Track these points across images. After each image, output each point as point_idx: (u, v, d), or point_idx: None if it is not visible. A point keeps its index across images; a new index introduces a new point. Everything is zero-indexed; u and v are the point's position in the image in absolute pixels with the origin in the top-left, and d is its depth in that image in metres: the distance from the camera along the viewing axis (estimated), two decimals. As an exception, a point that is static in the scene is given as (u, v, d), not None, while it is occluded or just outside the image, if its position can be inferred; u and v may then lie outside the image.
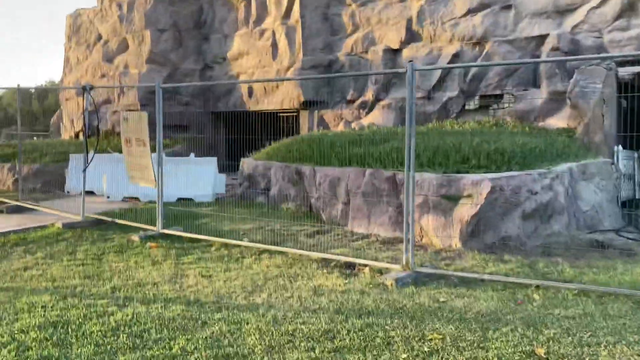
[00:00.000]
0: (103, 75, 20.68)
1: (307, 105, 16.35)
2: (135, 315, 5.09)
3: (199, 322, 4.94)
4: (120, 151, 15.73)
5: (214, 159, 12.88)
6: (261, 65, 17.67)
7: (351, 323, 4.78)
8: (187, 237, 8.41)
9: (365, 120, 15.41)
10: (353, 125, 15.55)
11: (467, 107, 14.15)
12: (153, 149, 8.83)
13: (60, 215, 10.32)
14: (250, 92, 17.92)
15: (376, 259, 6.96)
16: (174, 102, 18.98)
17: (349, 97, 15.84)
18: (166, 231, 8.67)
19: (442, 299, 5.42)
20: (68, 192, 13.84)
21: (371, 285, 5.93)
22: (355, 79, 15.70)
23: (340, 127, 15.78)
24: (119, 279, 6.38)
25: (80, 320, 5.00)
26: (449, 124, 13.62)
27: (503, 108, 13.60)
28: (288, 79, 14.92)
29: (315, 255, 7.18)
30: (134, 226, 9.18)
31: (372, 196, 8.96)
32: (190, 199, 12.34)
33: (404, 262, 6.30)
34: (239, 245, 7.90)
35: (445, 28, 14.31)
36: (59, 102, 24.05)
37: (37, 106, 40.80)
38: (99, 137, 10.84)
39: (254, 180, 12.32)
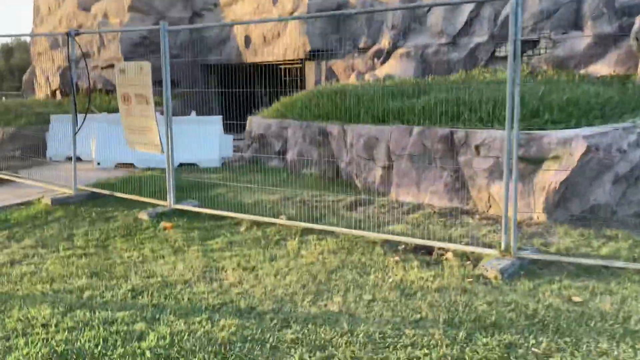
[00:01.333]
0: (79, 26, 18.58)
1: (314, 55, 14.70)
2: (175, 338, 3.70)
3: (268, 346, 3.57)
4: (109, 110, 14.06)
5: (219, 118, 11.30)
6: (259, 12, 15.85)
7: (482, 344, 3.46)
8: (206, 214, 6.96)
9: (380, 71, 13.86)
10: (366, 77, 14.00)
11: (497, 54, 12.67)
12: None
13: (45, 188, 8.74)
14: (248, 42, 16.14)
15: (450, 239, 5.62)
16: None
17: (361, 45, 14.22)
18: (180, 206, 7.20)
19: (576, 299, 4.12)
20: (50, 158, 12.18)
21: (470, 279, 4.60)
22: (369, 24, 14.04)
23: (352, 79, 14.22)
24: (136, 276, 4.94)
25: (99, 349, 3.59)
26: (478, 73, 12.18)
27: (539, 54, 12.16)
28: (313, 16, 13.17)
29: (374, 236, 5.81)
30: (139, 200, 7.68)
31: (422, 159, 7.57)
32: (193, 164, 10.81)
33: (503, 246, 4.97)
34: (273, 224, 6.49)
35: (474, -36, 12.64)
36: (31, 57, 21.88)
37: (3, 64, 38.08)
38: (90, 95, 9.17)
39: (267, 141, 10.81)
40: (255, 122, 11.25)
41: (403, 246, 5.53)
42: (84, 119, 7.99)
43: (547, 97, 7.70)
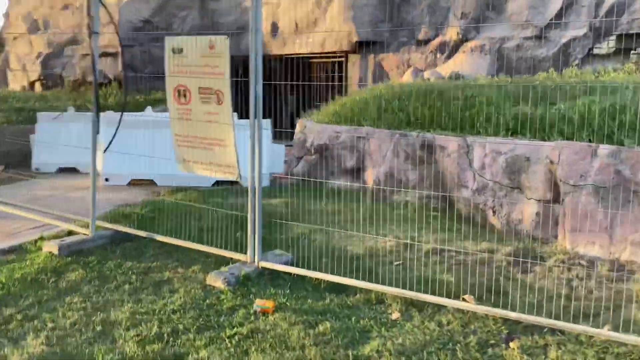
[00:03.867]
0: (66, 6, 15.67)
1: (360, 47, 12.18)
2: None
3: None
4: (111, 108, 11.28)
5: (268, 122, 8.68)
6: (291, -8, 13.22)
7: None
8: (315, 281, 4.39)
9: (444, 68, 11.43)
10: (426, 74, 11.55)
11: (596, 52, 10.37)
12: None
13: (42, 221, 6.01)
14: (275, 30, 13.51)
15: None
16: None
17: (420, 37, 11.76)
18: (270, 265, 4.60)
19: None
20: (37, 169, 9.38)
21: None
22: (431, 10, 11.59)
23: (407, 77, 11.76)
24: None
25: None
26: (574, 74, 9.82)
27: (654, 52, 9.91)
28: None
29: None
30: (196, 249, 5.05)
31: (615, 193, 5.15)
32: (234, 183, 8.16)
33: None
34: (442, 306, 3.96)
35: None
36: (2, 41, 18.76)
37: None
38: (127, 88, 6.53)
39: (332, 154, 8.24)
40: (313, 129, 8.66)
41: None
42: (119, 122, 5.32)
43: None
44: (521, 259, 4.82)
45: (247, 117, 4.56)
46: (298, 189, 8.01)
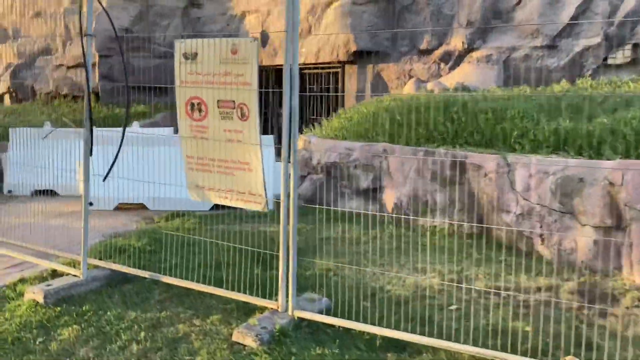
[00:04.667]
0: (37, 14, 14.65)
1: (358, 57, 11.49)
2: None
3: None
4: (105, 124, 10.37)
5: (271, 138, 7.88)
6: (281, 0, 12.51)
7: None
8: (364, 335, 3.60)
9: (449, 79, 10.82)
10: (429, 86, 10.93)
11: (610, 61, 9.88)
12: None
13: (20, 258, 5.08)
14: (265, 40, 12.77)
15: None
16: (148, 53, 13.54)
17: (422, 46, 11.14)
18: (306, 315, 3.80)
19: None
20: (10, 191, 8.39)
21: None
22: (435, 18, 10.98)
23: (408, 89, 11.12)
24: None
25: None
26: (589, 85, 9.31)
27: (670, 62, 9.47)
28: None
29: None
30: (209, 293, 4.22)
31: (692, 219, 4.52)
32: (235, 207, 7.32)
33: None
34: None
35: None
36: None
37: None
38: (129, 101, 5.70)
39: (343, 173, 7.48)
40: (320, 145, 7.90)
41: None
42: (121, 142, 4.47)
43: None
44: (598, 306, 4.13)
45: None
46: (306, 211, 7.23)
